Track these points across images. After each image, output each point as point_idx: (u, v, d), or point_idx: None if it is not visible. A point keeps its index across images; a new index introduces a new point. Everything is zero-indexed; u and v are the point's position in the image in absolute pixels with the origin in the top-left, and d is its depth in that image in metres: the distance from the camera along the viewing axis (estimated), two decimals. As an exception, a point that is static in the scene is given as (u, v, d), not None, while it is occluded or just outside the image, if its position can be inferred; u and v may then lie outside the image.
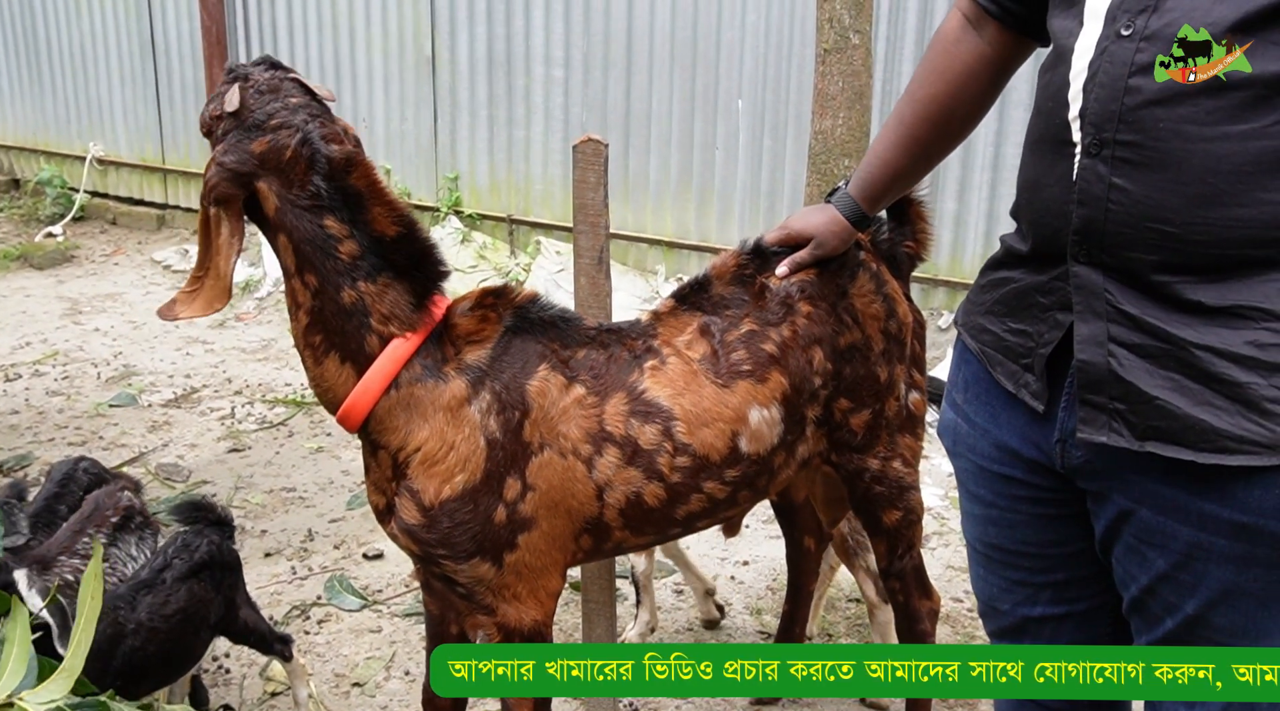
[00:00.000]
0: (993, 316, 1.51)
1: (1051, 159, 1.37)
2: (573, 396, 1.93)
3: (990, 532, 1.60)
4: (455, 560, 1.88)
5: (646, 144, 5.94)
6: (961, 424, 1.60)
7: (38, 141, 8.35)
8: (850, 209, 2.01)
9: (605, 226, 2.26)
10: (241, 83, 1.86)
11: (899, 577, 2.37)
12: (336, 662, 3.09)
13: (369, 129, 6.85)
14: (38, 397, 4.95)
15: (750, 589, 3.51)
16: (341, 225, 1.84)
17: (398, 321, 1.86)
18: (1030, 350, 1.44)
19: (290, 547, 3.71)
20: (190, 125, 7.52)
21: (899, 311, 2.19)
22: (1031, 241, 1.43)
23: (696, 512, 2.04)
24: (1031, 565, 1.57)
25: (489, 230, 6.53)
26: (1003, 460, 1.53)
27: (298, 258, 1.85)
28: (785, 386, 2.04)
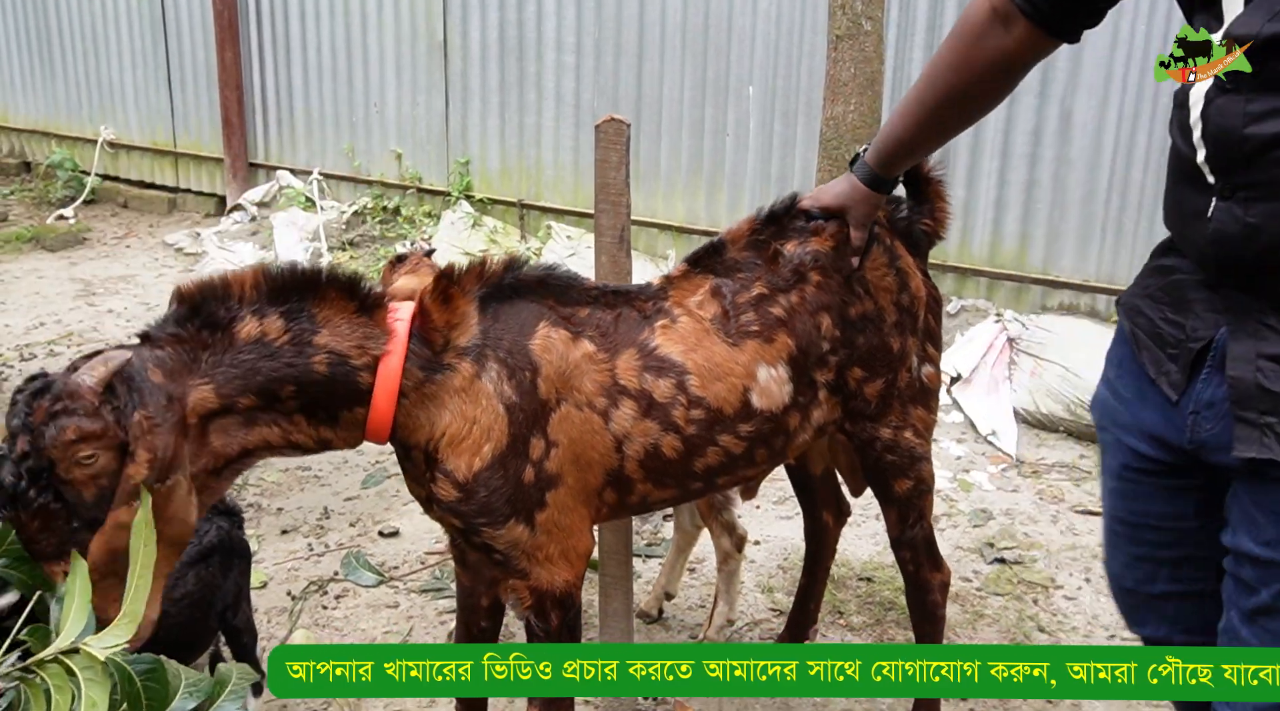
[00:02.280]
0: (1151, 301, 1.59)
1: (1192, 193, 1.45)
2: (582, 351, 1.97)
3: (1117, 506, 1.69)
4: (494, 526, 1.93)
5: (657, 130, 5.97)
6: (1111, 399, 1.68)
7: (49, 124, 8.39)
8: (867, 175, 2.07)
9: (627, 206, 2.30)
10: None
11: (910, 547, 2.41)
12: (354, 637, 3.13)
13: (380, 113, 6.88)
14: (54, 377, 4.99)
15: (762, 568, 3.55)
16: (247, 322, 1.79)
17: (373, 341, 1.85)
18: (1180, 342, 1.51)
19: (307, 525, 3.76)
20: (201, 109, 7.55)
21: (912, 285, 2.25)
22: (1187, 257, 1.52)
23: (715, 467, 2.10)
24: (1151, 538, 1.65)
25: (500, 215, 6.56)
26: (1138, 434, 1.61)
27: (264, 395, 1.80)
28: (791, 347, 2.10)
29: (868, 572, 3.47)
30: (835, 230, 2.14)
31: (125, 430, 1.66)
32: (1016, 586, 3.44)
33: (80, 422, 1.64)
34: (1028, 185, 5.12)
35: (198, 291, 1.79)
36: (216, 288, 1.80)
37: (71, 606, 1.11)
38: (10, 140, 8.71)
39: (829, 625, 3.22)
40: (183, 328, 1.76)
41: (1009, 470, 4.31)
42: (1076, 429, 4.51)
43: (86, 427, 1.65)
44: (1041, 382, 4.63)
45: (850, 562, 3.53)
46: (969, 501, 4.04)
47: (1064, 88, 4.95)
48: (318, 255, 6.56)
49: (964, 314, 5.23)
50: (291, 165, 7.29)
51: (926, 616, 2.48)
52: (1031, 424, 4.63)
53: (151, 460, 1.66)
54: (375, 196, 6.96)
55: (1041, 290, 5.14)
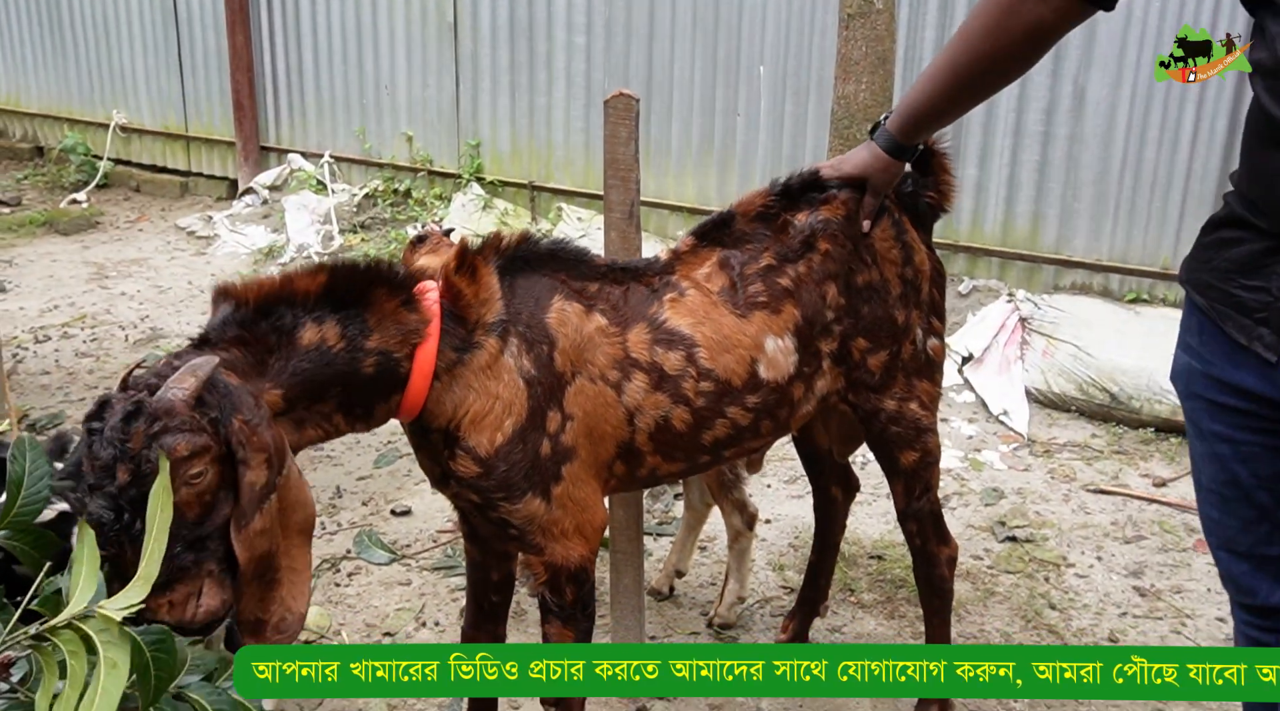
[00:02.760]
0: (1220, 273, 1.60)
1: (1273, 143, 1.44)
2: (595, 325, 1.98)
3: (1226, 470, 1.66)
4: (511, 500, 1.94)
5: (668, 110, 5.95)
6: (1195, 365, 1.67)
7: (61, 109, 8.41)
8: (889, 143, 2.08)
9: (636, 181, 2.30)
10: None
11: (916, 519, 2.41)
12: (367, 613, 3.15)
13: (391, 95, 6.88)
14: (67, 358, 5.03)
15: (773, 546, 3.56)
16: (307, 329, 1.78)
17: (414, 334, 1.86)
18: (1268, 305, 1.53)
19: (319, 504, 3.78)
20: (213, 93, 7.56)
21: (916, 259, 2.25)
22: (1266, 220, 1.51)
23: (722, 439, 2.11)
24: (1267, 501, 1.63)
25: (511, 197, 6.56)
26: (1239, 395, 1.61)
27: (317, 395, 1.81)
28: (798, 318, 2.11)
29: (879, 550, 3.48)
30: (846, 197, 2.15)
31: (224, 439, 1.62)
32: (1028, 564, 3.44)
33: (191, 439, 1.58)
34: (1040, 164, 5.09)
35: (263, 294, 1.76)
36: (280, 291, 1.77)
37: (81, 573, 1.11)
38: (23, 125, 8.74)
39: (840, 602, 3.22)
40: (247, 330, 1.74)
41: (1020, 449, 4.30)
42: (1089, 408, 4.49)
43: (198, 443, 1.58)
44: (1054, 362, 4.62)
45: (861, 540, 3.54)
46: (980, 480, 4.04)
47: (1077, 65, 4.91)
48: (329, 238, 6.58)
49: (976, 294, 5.21)
50: (303, 148, 7.30)
51: (934, 590, 2.48)
52: (1043, 403, 4.62)
53: (268, 459, 1.64)
54: (386, 179, 6.96)
55: (1054, 270, 5.12)
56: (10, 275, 6.20)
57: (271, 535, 1.66)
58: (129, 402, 1.60)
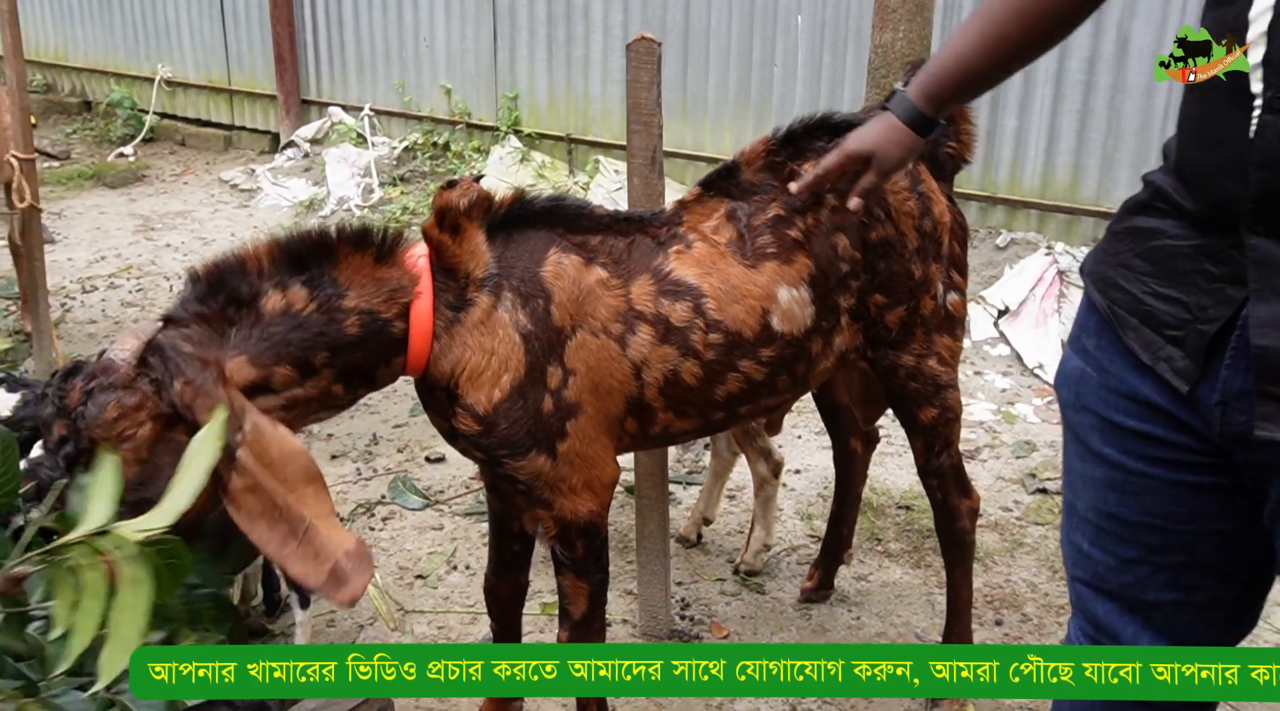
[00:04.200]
0: (1129, 272, 1.33)
1: (1224, 109, 1.19)
2: (595, 277, 1.95)
3: (1110, 499, 1.40)
4: (515, 457, 1.94)
5: (705, 62, 5.91)
6: (1091, 373, 1.40)
7: (108, 64, 8.51)
8: (909, 113, 1.78)
9: (658, 126, 2.30)
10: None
11: (937, 475, 2.41)
12: (400, 557, 3.22)
13: (430, 48, 6.89)
14: (113, 308, 5.14)
15: (801, 496, 3.58)
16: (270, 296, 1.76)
17: (401, 291, 1.84)
18: (1185, 323, 1.26)
19: (356, 451, 3.85)
20: (254, 47, 7.61)
21: (934, 210, 2.19)
22: (1199, 201, 1.25)
23: (736, 394, 2.08)
24: (1152, 542, 1.38)
25: (548, 149, 6.56)
26: (1141, 415, 1.34)
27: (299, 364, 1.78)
28: (811, 268, 2.07)
29: (907, 501, 3.49)
30: None
31: (166, 401, 1.63)
32: (1057, 516, 3.43)
33: (122, 396, 1.61)
34: (1082, 114, 5.00)
35: (215, 270, 1.76)
36: (233, 264, 1.76)
37: (95, 495, 1.15)
38: (71, 79, 8.86)
39: (866, 551, 3.24)
40: (205, 305, 1.74)
41: (1054, 402, 4.27)
42: (1126, 362, 4.44)
43: (127, 401, 1.61)
44: (1092, 315, 4.57)
45: (890, 491, 3.55)
46: (1013, 433, 4.03)
47: (1121, 13, 4.80)
48: (369, 191, 6.63)
49: (1014, 247, 5.15)
50: (343, 101, 7.34)
51: (955, 542, 2.48)
52: (1080, 357, 4.57)
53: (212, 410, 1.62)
54: (425, 132, 6.99)
55: (1094, 222, 5.05)
56: (59, 227, 6.32)
57: (262, 493, 1.65)
58: (73, 363, 1.66)
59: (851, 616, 2.96)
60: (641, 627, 2.87)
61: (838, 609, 2.99)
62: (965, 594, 2.55)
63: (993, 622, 2.93)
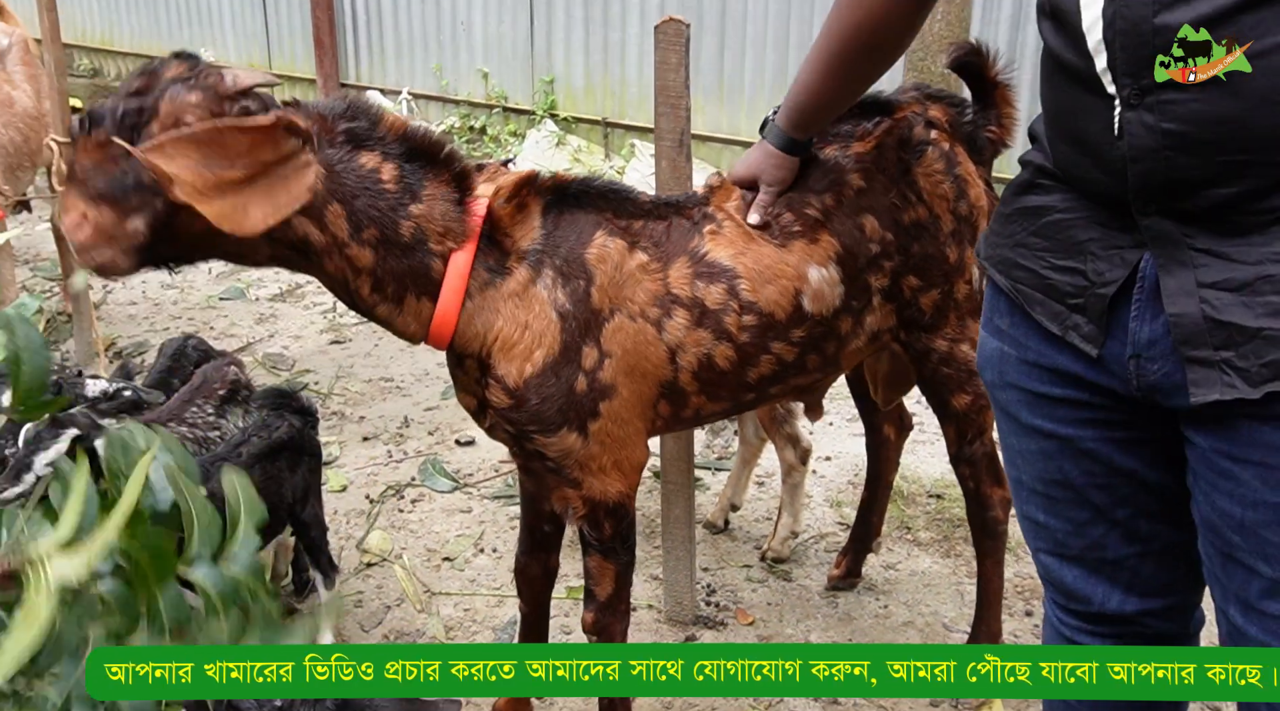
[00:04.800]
0: (1026, 250, 1.40)
1: (1084, 103, 1.25)
2: (636, 262, 1.96)
3: (1051, 468, 1.47)
4: (545, 434, 1.95)
5: (741, 45, 5.86)
6: (1008, 350, 1.47)
7: (152, 47, 8.60)
8: (782, 140, 1.99)
9: (686, 108, 2.28)
10: None
11: (969, 463, 2.38)
12: (428, 539, 3.24)
13: (467, 32, 6.89)
14: (153, 290, 5.20)
15: (831, 483, 3.55)
16: (373, 154, 1.82)
17: (452, 235, 1.87)
18: (1083, 290, 1.33)
19: (387, 433, 3.88)
20: (294, 31, 7.66)
21: (971, 194, 2.16)
22: (1076, 182, 1.32)
23: (768, 376, 2.08)
24: (1099, 500, 1.46)
25: (584, 133, 6.55)
26: (1064, 383, 1.41)
27: (352, 220, 1.81)
28: (837, 247, 2.05)
29: (938, 489, 3.45)
30: (880, 132, 2.09)
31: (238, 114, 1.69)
32: (1092, 507, 3.38)
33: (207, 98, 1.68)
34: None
35: (358, 107, 1.82)
36: (373, 112, 1.83)
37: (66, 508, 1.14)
38: (117, 63, 8.97)
39: (896, 540, 3.21)
40: (329, 119, 1.79)
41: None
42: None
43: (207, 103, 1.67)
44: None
45: (921, 479, 3.51)
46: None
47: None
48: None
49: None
50: (381, 85, 7.37)
51: (987, 532, 2.45)
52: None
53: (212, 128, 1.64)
54: (462, 116, 7.00)
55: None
56: (102, 210, 6.40)
57: None
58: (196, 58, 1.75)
59: (879, 605, 2.93)
60: (666, 613, 2.86)
61: (865, 597, 2.96)
62: (996, 584, 2.52)
63: (1023, 613, 2.89)
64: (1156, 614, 1.54)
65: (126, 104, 1.69)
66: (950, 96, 2.22)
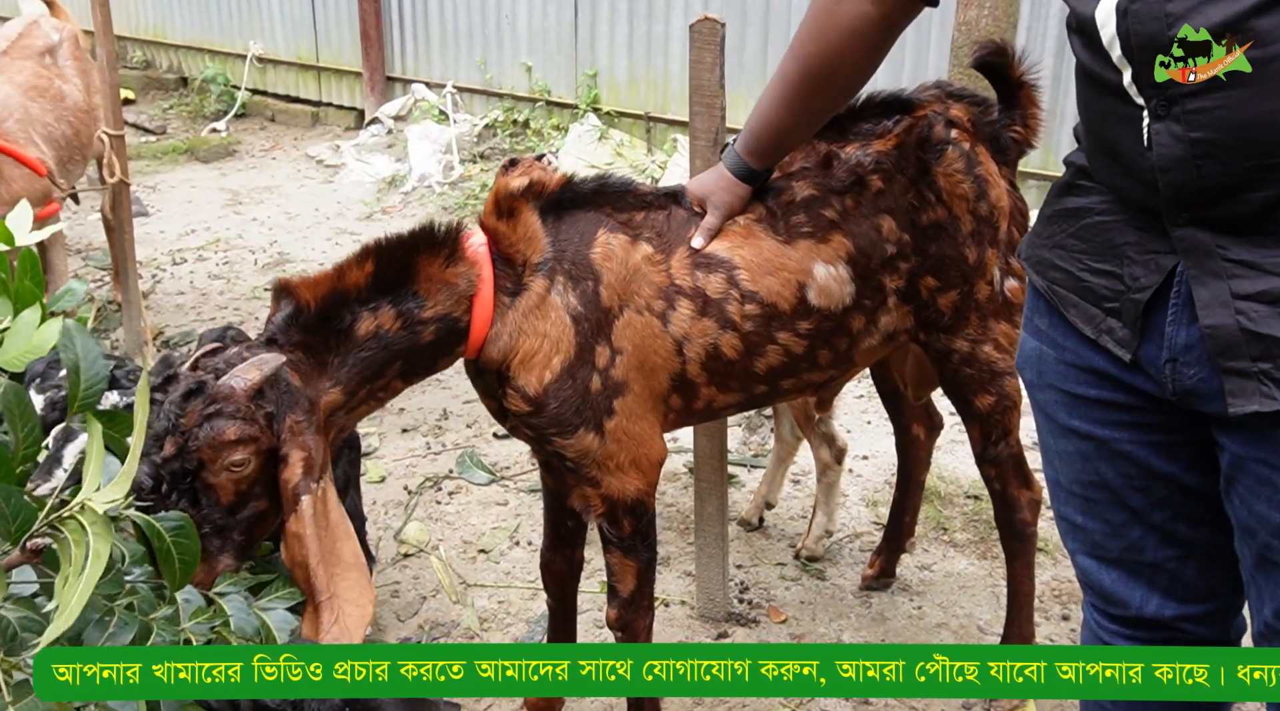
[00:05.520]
0: (1064, 252, 1.40)
1: (1116, 113, 1.26)
2: (641, 254, 1.98)
3: (1089, 469, 1.46)
4: (563, 436, 1.97)
5: (786, 38, 5.83)
6: (1048, 350, 1.47)
7: (203, 41, 8.73)
8: (737, 167, 1.98)
9: (721, 107, 2.28)
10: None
11: (995, 464, 2.36)
12: (465, 531, 3.27)
13: (511, 25, 6.92)
14: (201, 280, 5.29)
15: (868, 482, 3.54)
16: (367, 319, 1.85)
17: (466, 285, 1.89)
18: (1119, 295, 1.33)
19: (426, 425, 3.92)
20: (341, 24, 7.74)
21: (992, 194, 2.14)
22: (1113, 189, 1.32)
23: (777, 368, 2.08)
24: (1136, 503, 1.45)
25: (627, 128, 6.55)
26: (1100, 385, 1.41)
27: (384, 376, 1.89)
28: (850, 248, 2.05)
29: (975, 490, 3.42)
30: (901, 130, 2.08)
31: (275, 435, 1.71)
32: (1133, 511, 3.34)
33: (241, 426, 1.69)
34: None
35: (320, 295, 1.82)
36: (336, 288, 1.83)
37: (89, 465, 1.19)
38: (169, 56, 9.11)
39: (932, 540, 3.19)
40: (311, 335, 1.81)
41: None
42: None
43: (247, 432, 1.69)
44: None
45: (959, 479, 3.49)
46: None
47: None
48: (449, 168, 6.70)
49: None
50: (426, 78, 7.42)
51: (1015, 534, 2.43)
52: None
53: (306, 459, 1.73)
54: (506, 109, 7.03)
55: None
56: (153, 200, 6.52)
57: (304, 544, 1.73)
58: (193, 381, 1.70)
59: (913, 606, 2.92)
60: (699, 610, 2.87)
61: (899, 597, 2.95)
62: (1026, 587, 2.50)
63: (1059, 617, 2.87)
64: (1196, 619, 1.52)
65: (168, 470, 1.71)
66: (972, 95, 2.20)
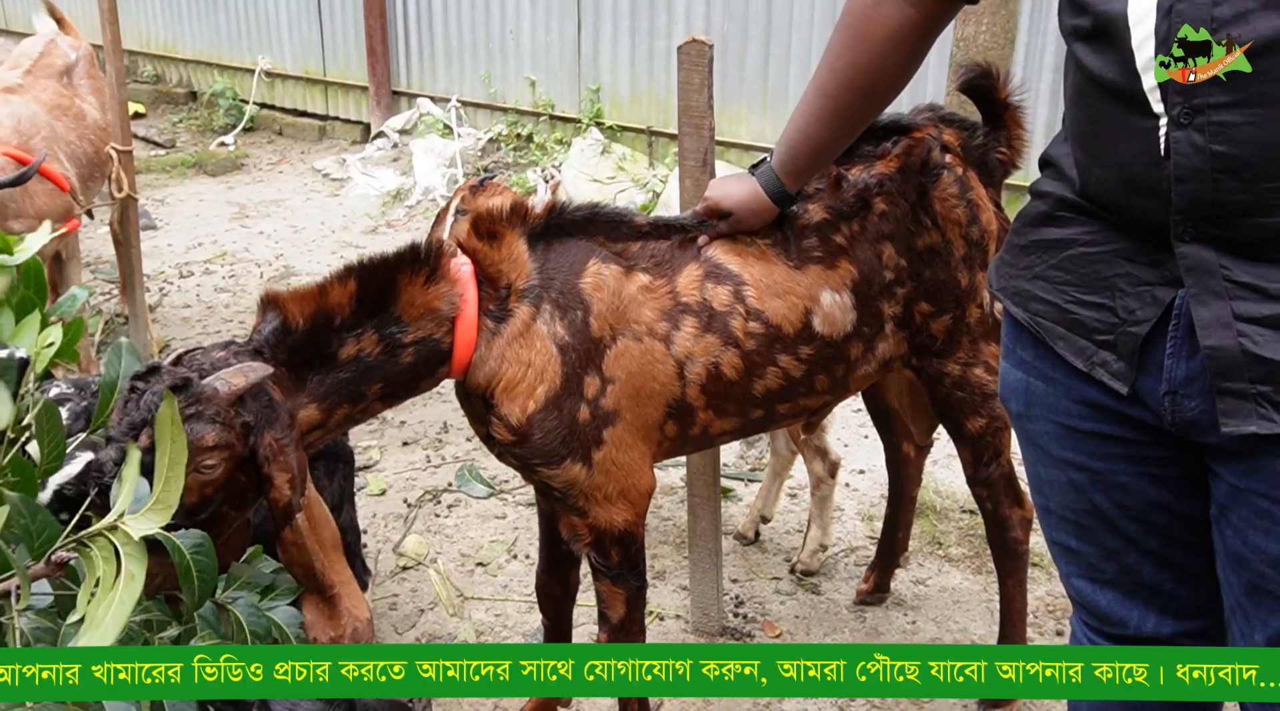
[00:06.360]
0: (1046, 284, 1.37)
1: (1125, 123, 1.22)
2: (636, 285, 1.96)
3: (1083, 499, 1.45)
4: (549, 466, 1.95)
5: (787, 54, 5.87)
6: (1036, 383, 1.44)
7: (212, 55, 8.81)
8: (773, 185, 1.95)
9: (710, 129, 2.31)
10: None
11: (986, 485, 2.37)
12: (463, 544, 3.30)
13: (515, 40, 6.97)
14: (207, 293, 5.34)
15: (864, 496, 3.56)
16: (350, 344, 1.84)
17: (447, 306, 1.86)
18: (1113, 327, 1.30)
19: (426, 438, 3.95)
20: (348, 39, 7.80)
21: (982, 218, 2.16)
22: (1109, 208, 1.29)
23: (775, 391, 2.07)
24: (1131, 531, 1.44)
25: (629, 142, 6.59)
26: (1094, 417, 1.39)
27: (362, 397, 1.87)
28: (854, 275, 2.06)
29: (970, 506, 3.43)
30: (901, 151, 2.10)
31: (248, 446, 1.71)
32: (1127, 525, 3.35)
33: (219, 432, 1.66)
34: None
35: (307, 314, 1.81)
36: (321, 309, 1.81)
37: (122, 489, 1.22)
38: (179, 70, 9.19)
39: (927, 555, 3.21)
40: (296, 353, 1.81)
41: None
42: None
43: (223, 438, 1.67)
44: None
45: (954, 494, 3.50)
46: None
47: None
48: (453, 181, 6.74)
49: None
50: (431, 93, 7.48)
51: (1007, 552, 2.44)
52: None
53: (291, 480, 1.73)
54: (510, 123, 7.08)
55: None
56: (162, 213, 6.58)
57: (304, 549, 1.76)
58: (177, 377, 1.69)
59: (907, 620, 2.94)
60: (694, 624, 2.89)
61: (893, 612, 2.97)
62: (1019, 604, 2.51)
63: (1053, 632, 2.88)
64: (1193, 635, 1.52)
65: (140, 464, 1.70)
66: (961, 120, 2.23)
